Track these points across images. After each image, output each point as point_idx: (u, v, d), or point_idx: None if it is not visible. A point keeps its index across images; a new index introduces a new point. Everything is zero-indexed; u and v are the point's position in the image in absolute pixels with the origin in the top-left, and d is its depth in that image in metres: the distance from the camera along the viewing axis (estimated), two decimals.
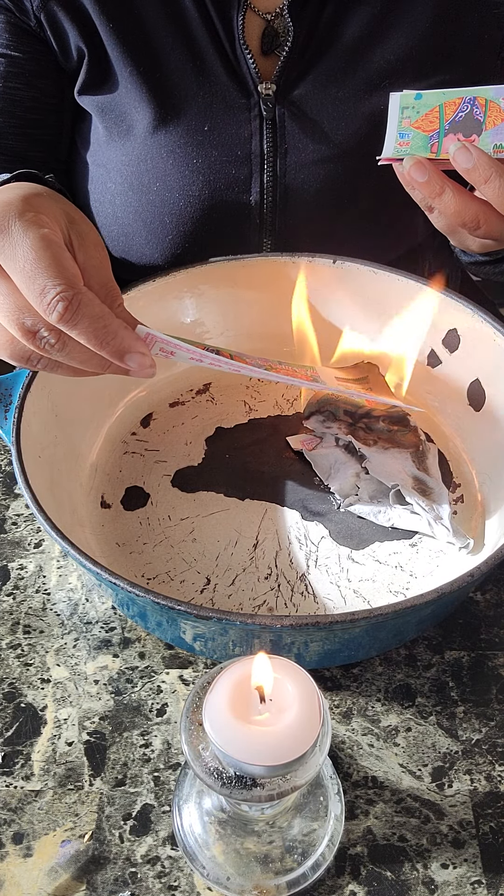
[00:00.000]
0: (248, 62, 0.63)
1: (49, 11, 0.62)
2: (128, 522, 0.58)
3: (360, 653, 0.51)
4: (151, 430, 0.65)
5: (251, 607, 0.53)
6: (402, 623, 0.48)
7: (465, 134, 0.57)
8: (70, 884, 0.43)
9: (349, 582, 0.54)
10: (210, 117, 0.64)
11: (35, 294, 0.41)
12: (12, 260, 0.41)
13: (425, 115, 0.57)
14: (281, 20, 0.63)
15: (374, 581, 0.54)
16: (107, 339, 0.42)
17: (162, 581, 0.54)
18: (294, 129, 0.65)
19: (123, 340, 0.43)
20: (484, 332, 0.59)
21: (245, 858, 0.43)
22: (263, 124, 0.65)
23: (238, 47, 0.63)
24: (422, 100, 0.57)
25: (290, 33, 0.62)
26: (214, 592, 0.54)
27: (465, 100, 0.56)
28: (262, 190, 0.67)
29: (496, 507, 0.57)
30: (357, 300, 0.66)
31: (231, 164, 0.66)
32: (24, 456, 0.51)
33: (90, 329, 0.41)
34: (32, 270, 0.41)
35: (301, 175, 0.66)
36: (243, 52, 0.63)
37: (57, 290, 0.40)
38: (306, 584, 0.54)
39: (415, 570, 0.55)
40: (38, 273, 0.41)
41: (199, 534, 0.57)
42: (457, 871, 0.44)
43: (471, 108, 0.56)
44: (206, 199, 0.67)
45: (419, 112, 0.57)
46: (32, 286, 0.41)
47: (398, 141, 0.57)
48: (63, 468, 0.57)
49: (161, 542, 0.57)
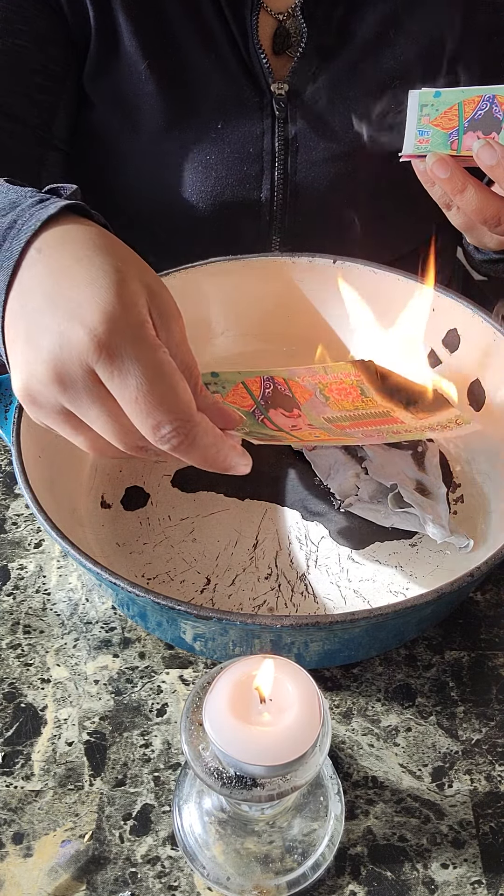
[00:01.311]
0: (261, 61, 0.64)
1: None
2: (128, 522, 0.58)
3: (360, 653, 0.51)
4: None
5: (251, 607, 0.53)
6: (402, 623, 0.48)
7: (485, 132, 0.57)
8: (70, 884, 0.43)
9: (349, 582, 0.54)
10: (224, 114, 0.65)
11: (148, 428, 0.38)
12: (123, 389, 0.37)
13: (444, 113, 0.57)
14: (293, 20, 0.64)
15: (374, 581, 0.54)
16: (216, 462, 0.40)
17: (162, 581, 0.54)
18: (305, 128, 0.66)
19: (229, 459, 0.41)
20: (484, 332, 0.60)
21: (245, 858, 0.43)
22: (275, 123, 0.65)
23: (252, 46, 0.63)
24: (441, 97, 0.57)
25: (303, 34, 0.63)
26: (214, 592, 0.54)
27: (484, 98, 0.56)
28: (272, 187, 0.67)
29: (496, 506, 0.57)
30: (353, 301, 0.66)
31: (243, 162, 0.66)
32: (24, 456, 0.51)
33: (201, 456, 0.40)
34: (146, 405, 0.37)
35: (311, 173, 0.67)
36: (257, 52, 0.64)
37: (173, 427, 0.37)
38: (306, 584, 0.54)
39: (415, 570, 0.55)
40: (152, 409, 0.37)
41: (199, 534, 0.57)
42: (457, 871, 0.44)
43: (490, 105, 0.56)
44: (218, 195, 0.67)
45: (438, 110, 0.57)
46: (146, 421, 0.37)
47: (418, 138, 0.57)
48: (63, 468, 0.57)
49: (161, 542, 0.57)
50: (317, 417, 0.54)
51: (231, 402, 0.52)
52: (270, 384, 0.53)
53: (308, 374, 0.55)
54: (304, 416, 0.53)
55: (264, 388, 0.54)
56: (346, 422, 0.54)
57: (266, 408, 0.53)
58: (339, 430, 0.53)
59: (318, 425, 0.53)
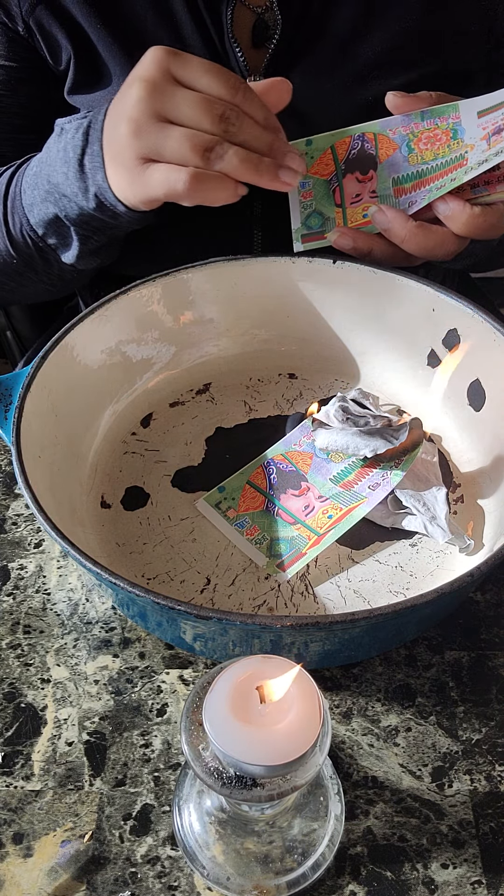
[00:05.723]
0: (236, 55, 0.64)
1: (37, 16, 0.63)
2: (128, 522, 0.58)
3: (361, 653, 0.51)
4: (151, 430, 0.65)
5: (251, 607, 0.53)
6: (402, 623, 0.48)
7: (363, 171, 0.59)
8: (70, 884, 0.43)
9: (349, 582, 0.54)
10: None
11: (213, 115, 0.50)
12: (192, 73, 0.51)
13: (320, 160, 0.60)
14: (271, 13, 0.64)
15: (373, 581, 0.54)
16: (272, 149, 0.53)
17: (162, 581, 0.54)
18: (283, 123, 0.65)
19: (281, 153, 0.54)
20: (484, 331, 0.59)
21: (245, 858, 0.43)
22: None
23: (227, 41, 0.63)
24: (313, 145, 0.59)
25: (278, 25, 0.63)
26: (215, 592, 0.54)
27: (354, 137, 0.59)
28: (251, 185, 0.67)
29: (496, 507, 0.57)
30: (356, 300, 0.66)
31: None
32: (24, 456, 0.51)
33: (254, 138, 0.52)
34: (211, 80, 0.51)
35: None
36: (231, 46, 0.63)
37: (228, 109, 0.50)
38: (306, 585, 0.54)
39: (415, 570, 0.55)
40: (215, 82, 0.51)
41: (199, 534, 0.57)
42: (457, 871, 0.44)
43: (361, 143, 0.59)
44: None
45: (313, 157, 0.59)
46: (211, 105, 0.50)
47: (300, 192, 0.60)
48: (63, 468, 0.57)
49: (161, 542, 0.57)
50: (324, 484, 0.58)
51: (245, 510, 0.58)
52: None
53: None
54: (312, 487, 0.58)
55: (269, 476, 0.60)
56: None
57: (276, 496, 0.58)
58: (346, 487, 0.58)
59: (327, 494, 0.58)
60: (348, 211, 0.61)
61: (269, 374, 0.70)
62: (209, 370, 0.69)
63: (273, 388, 0.69)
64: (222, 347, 0.70)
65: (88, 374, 0.62)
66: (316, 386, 0.69)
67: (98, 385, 0.63)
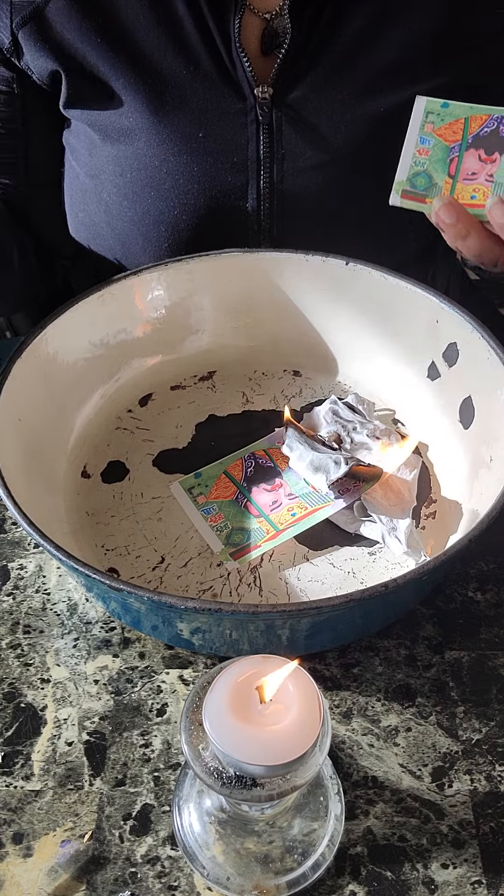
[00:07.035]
0: (244, 65, 0.62)
1: (26, 32, 0.62)
2: (102, 494, 0.60)
3: (350, 635, 0.52)
4: (147, 410, 0.67)
5: (196, 591, 0.54)
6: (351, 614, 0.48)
7: (488, 151, 0.56)
8: (70, 884, 0.43)
9: (298, 581, 0.55)
10: (204, 124, 0.64)
11: None
12: None
13: (449, 125, 0.56)
14: (281, 20, 0.62)
15: (322, 583, 0.54)
16: None
17: (119, 554, 0.56)
18: (291, 134, 0.64)
19: None
20: (479, 348, 0.58)
21: (245, 858, 0.43)
22: (260, 129, 0.64)
23: (234, 50, 0.62)
24: (448, 109, 0.56)
25: (287, 34, 0.62)
26: (165, 572, 0.55)
27: (491, 117, 0.56)
28: (259, 196, 0.66)
29: (465, 526, 0.55)
30: (365, 304, 0.66)
31: (227, 172, 0.65)
32: (1, 417, 0.52)
33: None
34: None
35: (299, 181, 0.66)
36: (239, 55, 0.62)
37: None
38: (255, 577, 0.55)
39: (366, 578, 0.55)
40: None
41: (165, 514, 0.59)
42: (457, 871, 0.43)
43: (497, 125, 0.56)
44: (202, 207, 0.66)
45: (444, 120, 0.56)
46: None
47: (418, 147, 0.57)
48: (48, 435, 0.59)
49: (128, 517, 0.58)
50: (297, 482, 0.59)
51: (215, 497, 0.59)
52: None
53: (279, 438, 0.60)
54: (285, 484, 0.60)
55: (246, 469, 0.61)
56: None
57: (248, 489, 0.59)
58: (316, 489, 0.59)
59: (297, 493, 0.59)
60: (458, 185, 0.58)
61: (274, 368, 0.71)
62: (216, 359, 0.70)
63: (275, 383, 0.69)
64: (231, 338, 0.70)
65: (88, 348, 0.64)
66: (317, 385, 0.69)
67: (96, 362, 0.64)
